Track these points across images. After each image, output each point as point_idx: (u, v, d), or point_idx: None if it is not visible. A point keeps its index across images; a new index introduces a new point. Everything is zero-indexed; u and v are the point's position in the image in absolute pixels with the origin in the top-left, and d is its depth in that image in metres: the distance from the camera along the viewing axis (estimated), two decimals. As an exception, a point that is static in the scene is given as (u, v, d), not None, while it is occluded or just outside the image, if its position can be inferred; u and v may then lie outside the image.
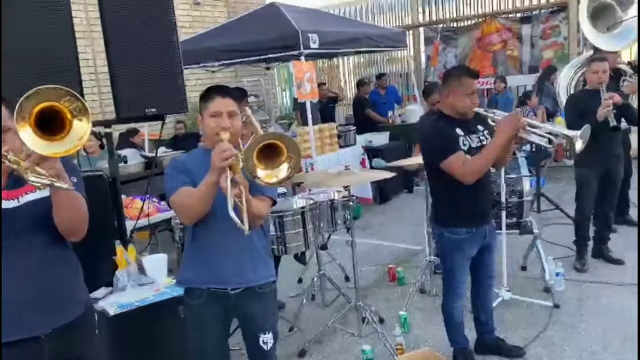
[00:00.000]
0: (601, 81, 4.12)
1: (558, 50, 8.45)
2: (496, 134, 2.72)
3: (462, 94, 2.77)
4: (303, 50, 5.77)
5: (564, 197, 6.26)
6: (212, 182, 2.00)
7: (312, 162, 5.96)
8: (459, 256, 2.96)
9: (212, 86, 2.28)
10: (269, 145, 1.93)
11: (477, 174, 2.72)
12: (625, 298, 3.86)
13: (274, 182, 1.98)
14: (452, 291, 3.07)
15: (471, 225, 2.89)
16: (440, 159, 2.75)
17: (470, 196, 2.82)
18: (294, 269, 4.71)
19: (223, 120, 2.14)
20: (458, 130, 2.81)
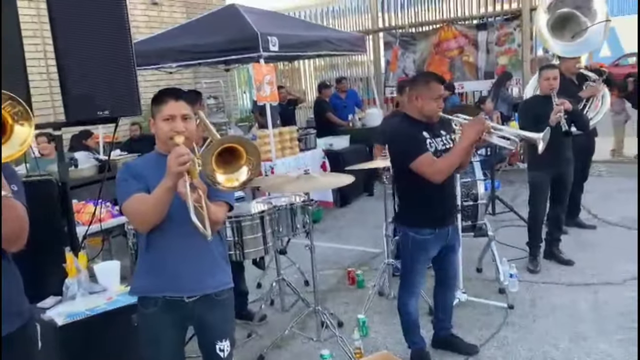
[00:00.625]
0: (552, 87, 4.26)
1: (512, 57, 8.70)
2: (462, 136, 2.82)
3: (429, 97, 2.88)
4: (262, 52, 5.73)
5: (518, 199, 6.44)
6: (168, 187, 1.95)
7: (272, 166, 5.93)
8: (422, 256, 3.03)
9: (164, 89, 2.23)
10: (228, 149, 1.90)
11: (446, 173, 2.83)
12: (575, 297, 4.00)
13: (235, 186, 1.96)
14: (408, 289, 3.12)
15: (435, 227, 2.98)
16: (410, 159, 2.84)
17: (436, 197, 2.92)
18: (253, 274, 4.67)
19: (177, 124, 2.09)
20: (424, 133, 2.91)
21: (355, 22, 10.58)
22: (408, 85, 3.10)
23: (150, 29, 9.46)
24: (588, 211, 6.00)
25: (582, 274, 4.40)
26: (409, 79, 5.60)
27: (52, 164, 4.25)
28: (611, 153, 8.77)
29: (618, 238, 5.16)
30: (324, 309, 3.77)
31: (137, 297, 2.25)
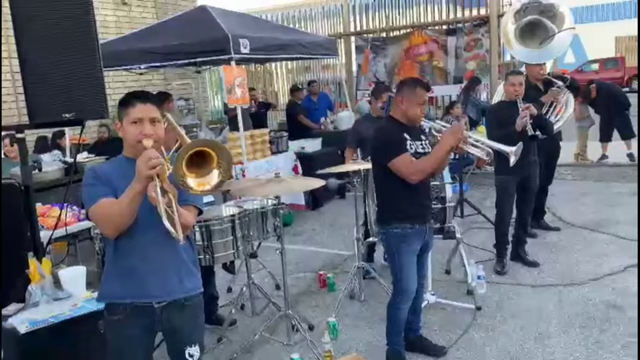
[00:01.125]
0: (517, 93, 4.37)
1: (480, 62, 8.86)
2: (441, 142, 2.94)
3: (415, 102, 3.00)
4: (233, 55, 5.69)
5: (486, 202, 6.56)
6: (137, 191, 1.93)
7: (244, 169, 5.89)
8: (406, 249, 3.09)
9: (132, 91, 2.20)
10: (198, 152, 1.89)
11: (422, 174, 2.94)
12: (540, 298, 4.10)
13: (207, 189, 1.95)
14: (405, 289, 3.13)
15: (414, 222, 3.07)
16: (389, 158, 2.95)
17: (413, 196, 3.02)
18: (223, 278, 4.64)
19: (145, 127, 2.07)
20: (405, 134, 3.03)
21: (326, 26, 10.61)
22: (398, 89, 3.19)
23: (120, 29, 9.30)
24: (553, 214, 6.16)
25: (547, 275, 4.52)
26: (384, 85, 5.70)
27: (16, 167, 4.14)
28: (575, 157, 9.01)
29: (582, 240, 5.31)
30: (294, 312, 3.77)
31: (104, 303, 2.21)
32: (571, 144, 9.05)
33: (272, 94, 12.08)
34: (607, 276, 4.37)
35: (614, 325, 3.59)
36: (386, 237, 3.16)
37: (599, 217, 5.94)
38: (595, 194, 6.98)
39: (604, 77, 17.24)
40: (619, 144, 8.68)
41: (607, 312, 3.78)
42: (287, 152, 6.94)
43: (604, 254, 4.87)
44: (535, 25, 5.60)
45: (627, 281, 4.25)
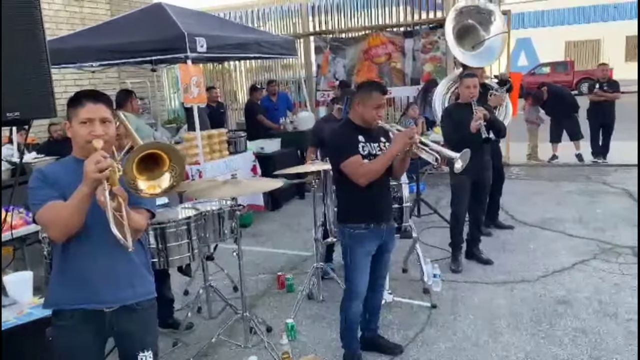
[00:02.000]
0: (472, 96, 4.47)
1: (437, 64, 9.03)
2: (390, 145, 2.99)
3: (370, 105, 3.02)
4: (190, 53, 5.58)
5: (442, 201, 6.69)
6: (85, 194, 1.87)
7: (200, 169, 5.80)
8: (359, 250, 3.10)
9: (82, 91, 2.13)
10: (150, 155, 1.84)
11: (370, 177, 2.96)
12: (493, 295, 4.21)
13: (158, 192, 1.91)
14: (353, 289, 3.15)
15: (369, 222, 3.08)
16: (340, 159, 2.99)
17: (368, 195, 3.03)
18: (180, 281, 4.56)
19: (95, 127, 2.01)
20: (361, 137, 3.04)
21: (285, 26, 10.58)
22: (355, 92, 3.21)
23: (72, 25, 9.00)
24: (506, 212, 6.35)
25: (500, 272, 4.64)
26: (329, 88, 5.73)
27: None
28: (527, 157, 9.32)
29: (533, 238, 5.49)
30: (252, 314, 3.74)
31: (52, 310, 2.13)
32: (523, 145, 9.37)
33: (231, 93, 11.97)
34: (557, 273, 4.53)
35: (563, 320, 3.73)
36: (342, 236, 3.19)
37: (549, 216, 6.15)
38: (546, 193, 7.23)
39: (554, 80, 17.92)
40: (569, 144, 9.02)
41: (556, 308, 3.92)
42: (246, 153, 6.87)
43: (554, 251, 5.04)
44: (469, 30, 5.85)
45: (575, 277, 4.42)
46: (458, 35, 5.79)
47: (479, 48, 5.78)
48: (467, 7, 5.89)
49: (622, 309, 3.82)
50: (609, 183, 7.49)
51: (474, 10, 5.90)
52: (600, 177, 7.85)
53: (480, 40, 5.76)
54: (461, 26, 5.83)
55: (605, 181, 7.61)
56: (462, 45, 5.77)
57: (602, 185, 7.44)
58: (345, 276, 3.22)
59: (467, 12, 5.87)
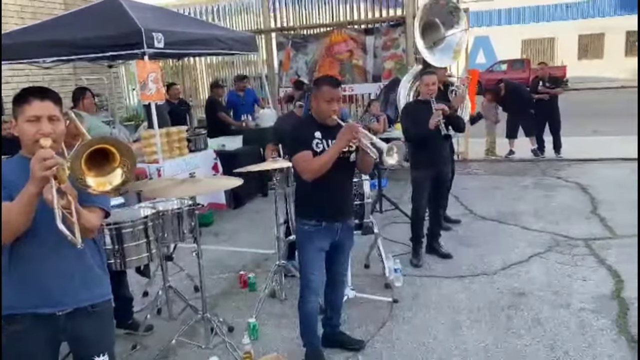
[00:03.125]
0: (431, 93, 4.52)
1: (398, 62, 9.11)
2: (335, 141, 2.93)
3: (322, 100, 3.00)
4: (147, 49, 5.45)
5: (404, 197, 6.76)
6: (32, 194, 1.81)
7: (159, 168, 5.67)
8: (309, 247, 3.11)
9: (28, 87, 2.05)
10: (99, 150, 1.79)
11: (315, 173, 2.92)
12: (453, 289, 4.28)
13: (108, 189, 1.86)
14: (307, 285, 3.16)
15: (320, 220, 3.06)
16: (292, 154, 3.01)
17: (319, 192, 3.01)
18: (140, 282, 4.46)
19: (43, 125, 1.95)
20: (317, 133, 3.01)
21: (246, 22, 10.47)
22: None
23: (22, 19, 8.67)
24: (465, 207, 6.48)
25: (460, 266, 4.73)
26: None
27: None
28: (485, 153, 9.54)
29: (492, 232, 5.62)
30: (214, 314, 3.70)
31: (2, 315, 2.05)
32: (481, 141, 9.58)
33: (192, 89, 11.78)
34: (513, 265, 4.65)
35: (520, 312, 3.83)
36: (297, 230, 3.21)
37: (507, 210, 6.31)
38: (504, 188, 7.41)
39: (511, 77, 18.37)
40: (525, 140, 9.27)
41: (513, 300, 4.02)
42: (207, 150, 6.77)
43: (511, 244, 5.17)
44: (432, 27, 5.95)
45: (531, 269, 4.55)
46: (423, 29, 5.84)
47: (440, 45, 5.85)
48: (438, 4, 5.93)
49: (575, 299, 3.95)
50: (563, 177, 7.74)
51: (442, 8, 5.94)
52: (554, 172, 8.10)
53: (439, 38, 5.85)
54: (426, 22, 5.88)
55: (560, 175, 7.86)
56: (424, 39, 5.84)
57: (557, 179, 7.68)
58: (300, 273, 3.23)
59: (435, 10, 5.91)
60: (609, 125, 11.82)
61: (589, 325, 3.57)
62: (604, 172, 7.94)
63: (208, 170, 6.62)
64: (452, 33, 5.89)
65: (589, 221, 5.73)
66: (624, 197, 6.44)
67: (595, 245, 4.99)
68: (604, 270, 4.44)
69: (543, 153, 9.13)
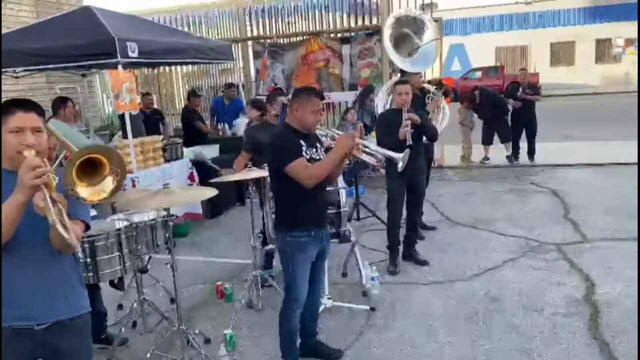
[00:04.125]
0: (404, 102, 4.57)
1: (373, 70, 9.19)
2: (335, 148, 3.00)
3: (309, 110, 3.05)
4: (120, 59, 5.39)
5: (381, 204, 6.79)
6: (21, 202, 1.81)
7: (134, 178, 5.60)
8: (301, 258, 3.10)
9: (13, 99, 2.05)
10: (89, 160, 1.79)
11: (318, 178, 2.97)
12: (429, 296, 4.32)
13: (104, 197, 1.87)
14: (294, 297, 3.14)
15: (310, 229, 3.09)
16: (285, 162, 2.96)
17: (310, 200, 3.04)
18: (113, 295, 4.38)
19: (27, 136, 1.94)
20: (301, 141, 3.06)
21: (222, 30, 10.45)
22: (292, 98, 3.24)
23: (-8, 27, 8.50)
24: (441, 213, 6.54)
25: (436, 273, 4.77)
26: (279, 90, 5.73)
27: None
28: (461, 159, 9.66)
29: (467, 238, 5.68)
30: (190, 326, 3.67)
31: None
32: (457, 147, 9.70)
33: (168, 98, 11.69)
34: (488, 271, 4.71)
35: (495, 317, 3.88)
36: (282, 243, 3.16)
37: (482, 216, 6.39)
38: (479, 194, 7.51)
39: (486, 84, 18.69)
40: (500, 147, 9.42)
41: (488, 305, 4.07)
42: (182, 160, 6.71)
43: (486, 250, 5.24)
44: (405, 38, 6.10)
45: (506, 275, 4.62)
46: (395, 42, 6.01)
47: (415, 54, 6.02)
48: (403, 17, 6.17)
49: (548, 303, 4.02)
50: (536, 183, 7.88)
51: (409, 20, 6.18)
52: (528, 178, 8.24)
53: (415, 47, 6.02)
54: (397, 34, 6.06)
55: (533, 181, 8.00)
56: (399, 52, 6.00)
57: (530, 185, 7.82)
58: (286, 285, 3.20)
59: (402, 22, 6.13)
60: (581, 131, 12.10)
61: (562, 329, 3.63)
62: (575, 177, 8.12)
63: (184, 179, 6.57)
64: (425, 42, 6.06)
65: (562, 226, 5.84)
66: (595, 201, 6.60)
67: (568, 249, 5.09)
68: (576, 274, 4.53)
69: (518, 159, 9.29)
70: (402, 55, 5.99)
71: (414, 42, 6.07)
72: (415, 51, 6.05)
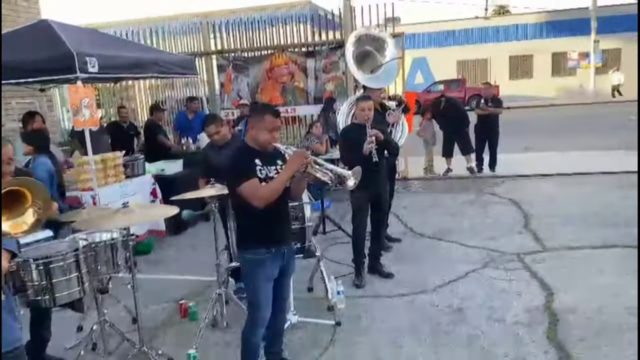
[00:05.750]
0: (367, 118, 4.63)
1: (338, 84, 9.29)
2: (285, 167, 3.00)
3: (264, 129, 3.02)
4: (80, 74, 5.28)
5: (347, 217, 6.81)
6: None
7: (94, 195, 5.47)
8: (262, 275, 3.06)
9: None
10: (9, 192, 1.73)
11: (266, 199, 2.93)
12: (394, 308, 4.35)
13: (25, 230, 1.79)
14: (257, 315, 3.10)
15: (270, 246, 3.05)
16: (237, 184, 2.93)
17: (267, 218, 3.00)
18: (72, 316, 4.25)
19: None
20: (257, 160, 3.02)
21: (187, 44, 10.37)
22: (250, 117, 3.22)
23: (-56, 41, 8.18)
24: (405, 225, 6.62)
25: (401, 285, 4.81)
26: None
27: None
28: (424, 171, 9.82)
29: (431, 249, 5.77)
30: (152, 347, 3.58)
31: None
32: (420, 159, 9.87)
33: (131, 112, 11.48)
34: (452, 282, 4.78)
35: (458, 328, 3.93)
36: (243, 262, 3.14)
37: (445, 227, 6.50)
38: (442, 205, 7.64)
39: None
40: (462, 158, 9.63)
41: (451, 317, 4.12)
42: (144, 176, 6.59)
43: (449, 261, 5.32)
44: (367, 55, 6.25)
45: (468, 285, 4.69)
46: (357, 60, 6.13)
47: (378, 71, 6.15)
48: (364, 36, 6.33)
49: (509, 313, 4.10)
50: (497, 194, 8.07)
51: (370, 38, 6.34)
52: (489, 189, 8.44)
53: (377, 65, 6.15)
54: (360, 52, 6.20)
55: (494, 192, 8.19)
56: (362, 69, 6.12)
57: (491, 196, 8.00)
58: (249, 302, 3.17)
59: (364, 40, 6.28)
60: (540, 141, 12.49)
61: (523, 339, 3.71)
62: (535, 187, 8.36)
63: (146, 196, 6.45)
64: (387, 60, 6.19)
65: (522, 235, 5.99)
66: (554, 211, 6.81)
67: (528, 259, 5.22)
68: (535, 283, 4.64)
69: (481, 170, 9.50)
70: (365, 72, 6.09)
71: (376, 60, 6.19)
72: (378, 68, 6.17)
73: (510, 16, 33.92)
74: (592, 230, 5.89)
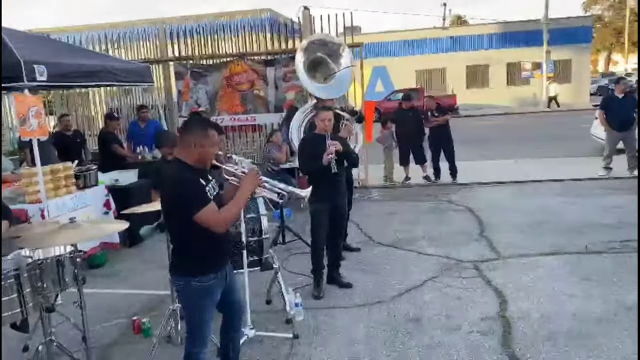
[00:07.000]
0: (326, 129, 4.63)
1: (298, 93, 9.27)
2: (241, 189, 2.88)
3: (209, 145, 2.84)
4: (27, 83, 5.07)
5: (308, 226, 6.77)
6: None
7: (43, 208, 5.26)
8: (208, 301, 2.94)
9: None
10: None
11: (229, 223, 2.85)
12: (352, 319, 4.34)
13: None
14: (200, 338, 2.99)
15: (216, 270, 2.93)
16: (194, 210, 2.70)
17: (215, 242, 2.87)
18: (18, 335, 4.05)
19: None
20: (201, 180, 2.83)
21: (143, 50, 10.15)
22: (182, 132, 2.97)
23: None
24: (365, 234, 6.65)
25: (358, 295, 4.81)
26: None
27: None
28: (383, 179, 9.92)
29: (389, 258, 5.80)
30: (102, 367, 3.44)
31: None
32: (379, 167, 9.96)
33: (86, 120, 11.15)
34: (409, 291, 4.81)
35: (414, 338, 3.95)
36: (185, 288, 2.91)
37: (403, 235, 6.56)
38: (400, 213, 7.71)
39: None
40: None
41: (408, 326, 4.14)
42: (97, 187, 6.38)
43: (407, 270, 5.37)
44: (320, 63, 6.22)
45: (424, 294, 4.74)
46: (310, 68, 6.08)
47: (331, 80, 6.12)
48: (314, 41, 6.23)
49: (465, 322, 4.16)
50: (453, 201, 8.22)
51: (320, 42, 6.25)
52: (446, 196, 8.59)
53: (331, 73, 6.11)
54: (312, 59, 6.13)
55: (451, 200, 8.34)
56: (315, 77, 6.07)
57: (448, 203, 8.14)
58: (190, 328, 2.99)
59: (314, 46, 6.20)
60: (495, 149, 12.82)
61: (478, 347, 3.76)
62: (490, 195, 8.56)
63: (99, 207, 6.24)
64: (341, 69, 6.18)
65: (478, 243, 6.10)
66: (508, 218, 6.98)
67: (483, 267, 5.31)
68: (490, 291, 4.73)
69: (439, 178, 9.66)
70: (319, 80, 6.07)
71: (329, 68, 6.17)
72: (331, 77, 6.15)
73: (467, 27, 34.91)
74: (543, 237, 6.07)
